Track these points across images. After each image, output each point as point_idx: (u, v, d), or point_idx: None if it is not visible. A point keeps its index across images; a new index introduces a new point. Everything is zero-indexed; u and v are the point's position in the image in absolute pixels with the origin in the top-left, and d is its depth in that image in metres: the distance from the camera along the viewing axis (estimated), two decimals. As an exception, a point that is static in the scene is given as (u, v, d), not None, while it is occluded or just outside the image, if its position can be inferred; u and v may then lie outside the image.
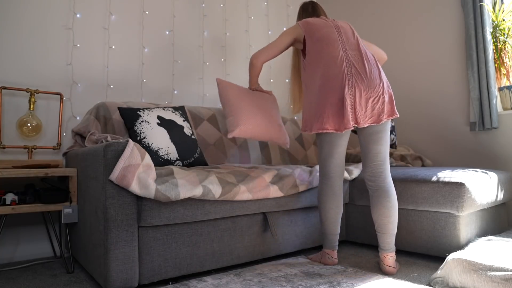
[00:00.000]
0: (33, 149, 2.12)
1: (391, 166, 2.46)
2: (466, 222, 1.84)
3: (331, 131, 1.65)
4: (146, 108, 2.11)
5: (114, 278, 1.43)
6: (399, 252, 2.10)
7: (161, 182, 1.50)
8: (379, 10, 3.26)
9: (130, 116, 2.05)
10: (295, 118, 3.23)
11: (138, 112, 2.07)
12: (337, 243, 1.88)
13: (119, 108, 2.07)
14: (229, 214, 1.73)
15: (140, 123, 2.02)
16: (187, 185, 1.55)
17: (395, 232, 1.72)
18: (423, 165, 2.69)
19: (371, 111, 1.64)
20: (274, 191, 1.85)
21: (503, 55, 2.54)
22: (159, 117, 2.08)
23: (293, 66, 2.08)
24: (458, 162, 2.70)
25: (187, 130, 2.15)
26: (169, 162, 1.96)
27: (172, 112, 2.17)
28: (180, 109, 2.25)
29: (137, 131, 2.00)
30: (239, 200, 1.74)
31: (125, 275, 1.45)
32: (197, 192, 1.55)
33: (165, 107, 2.18)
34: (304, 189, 1.99)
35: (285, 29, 3.55)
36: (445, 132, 2.78)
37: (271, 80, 3.40)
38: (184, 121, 2.18)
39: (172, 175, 1.58)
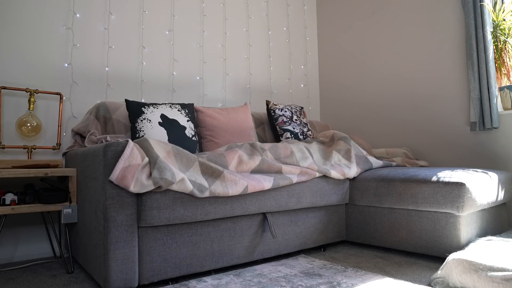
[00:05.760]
0: (32, 149, 2.12)
1: (391, 166, 2.46)
2: (466, 222, 1.84)
3: None
4: (152, 105, 2.11)
5: (114, 279, 1.42)
6: (399, 252, 2.10)
7: (153, 168, 1.49)
8: (379, 10, 3.26)
9: (134, 110, 2.05)
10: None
11: (143, 108, 2.07)
12: None
13: (126, 100, 2.08)
14: (229, 214, 1.73)
15: (141, 120, 2.02)
16: (173, 168, 1.55)
17: None
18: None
19: None
20: (265, 183, 1.82)
21: (503, 54, 2.54)
22: (162, 116, 2.08)
23: None
24: (458, 162, 2.69)
25: (189, 131, 2.15)
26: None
27: (178, 110, 2.16)
28: (187, 108, 2.24)
29: (137, 128, 2.00)
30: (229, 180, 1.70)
31: (125, 276, 1.45)
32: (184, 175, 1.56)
33: (172, 104, 2.18)
34: (297, 181, 1.97)
35: (285, 29, 3.55)
36: (445, 132, 2.77)
37: (271, 80, 3.39)
38: (188, 121, 2.17)
39: (158, 158, 1.55)
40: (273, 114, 2.74)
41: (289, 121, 2.72)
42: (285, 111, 2.77)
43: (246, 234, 1.83)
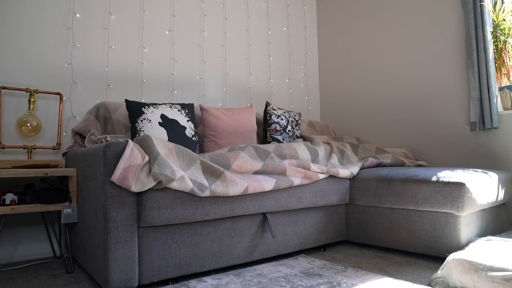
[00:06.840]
0: (32, 149, 2.12)
1: (386, 165, 2.46)
2: (466, 222, 1.84)
3: None
4: (152, 105, 2.11)
5: (114, 279, 1.42)
6: (399, 252, 2.10)
7: (153, 164, 1.48)
8: (379, 10, 3.26)
9: (134, 110, 2.06)
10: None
11: (143, 108, 2.07)
12: None
13: (126, 100, 2.09)
14: (229, 214, 1.73)
15: (141, 121, 2.02)
16: (173, 166, 1.55)
17: None
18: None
19: None
20: (266, 182, 1.82)
21: (503, 54, 2.54)
22: (162, 116, 2.08)
23: None
24: (458, 162, 2.69)
25: (189, 131, 2.14)
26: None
27: (178, 110, 2.17)
28: (188, 107, 2.24)
29: (137, 128, 2.01)
30: (230, 181, 1.70)
31: (125, 276, 1.45)
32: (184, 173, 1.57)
33: (172, 104, 2.18)
34: (299, 183, 1.96)
35: (285, 29, 3.54)
36: (445, 132, 2.77)
37: (271, 80, 3.39)
38: (188, 121, 2.17)
39: (159, 155, 1.55)
40: (268, 118, 2.66)
41: (282, 131, 2.64)
42: (281, 119, 2.67)
43: (246, 234, 1.83)
